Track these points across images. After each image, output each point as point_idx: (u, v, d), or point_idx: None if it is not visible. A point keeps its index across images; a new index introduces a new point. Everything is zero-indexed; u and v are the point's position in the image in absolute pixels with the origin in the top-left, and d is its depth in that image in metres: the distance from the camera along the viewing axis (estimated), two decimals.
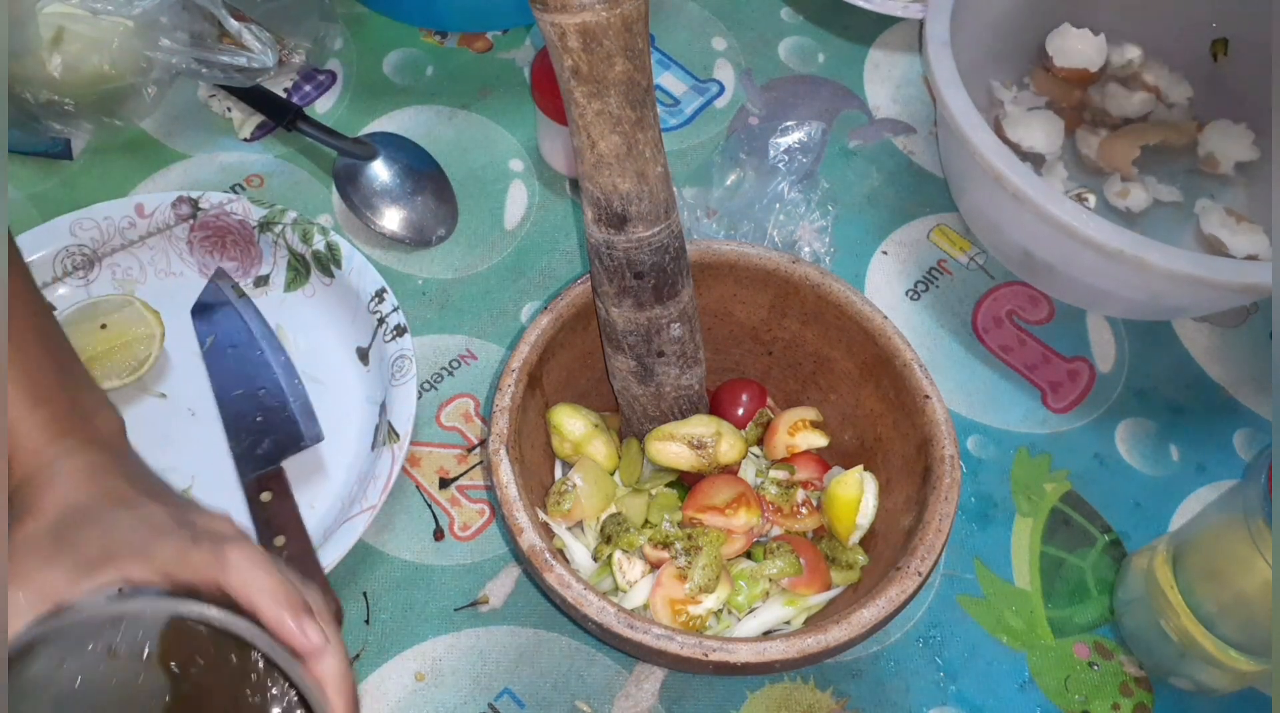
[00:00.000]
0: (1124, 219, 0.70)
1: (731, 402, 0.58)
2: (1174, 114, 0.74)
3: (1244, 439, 0.65)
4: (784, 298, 0.56)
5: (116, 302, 0.60)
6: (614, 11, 0.42)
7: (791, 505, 0.54)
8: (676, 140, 0.74)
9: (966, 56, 0.63)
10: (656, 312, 0.51)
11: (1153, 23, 0.75)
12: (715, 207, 0.68)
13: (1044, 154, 0.71)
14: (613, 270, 0.50)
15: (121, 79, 0.64)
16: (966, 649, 0.57)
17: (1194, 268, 0.57)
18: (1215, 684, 0.55)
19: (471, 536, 0.58)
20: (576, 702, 0.54)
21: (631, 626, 0.45)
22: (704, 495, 0.53)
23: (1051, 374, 0.66)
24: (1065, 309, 0.69)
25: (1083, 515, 0.61)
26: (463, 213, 0.69)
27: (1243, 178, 0.72)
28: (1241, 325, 0.70)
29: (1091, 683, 0.56)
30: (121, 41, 0.62)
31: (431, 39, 0.77)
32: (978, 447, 0.63)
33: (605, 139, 0.46)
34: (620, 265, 0.49)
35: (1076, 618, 0.58)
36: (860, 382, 0.56)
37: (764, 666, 0.45)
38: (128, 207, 0.63)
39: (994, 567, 0.59)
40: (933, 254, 0.70)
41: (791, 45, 0.79)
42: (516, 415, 0.51)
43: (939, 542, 0.48)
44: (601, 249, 0.49)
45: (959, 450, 0.50)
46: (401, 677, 0.54)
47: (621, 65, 0.44)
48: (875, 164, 0.74)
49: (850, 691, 0.55)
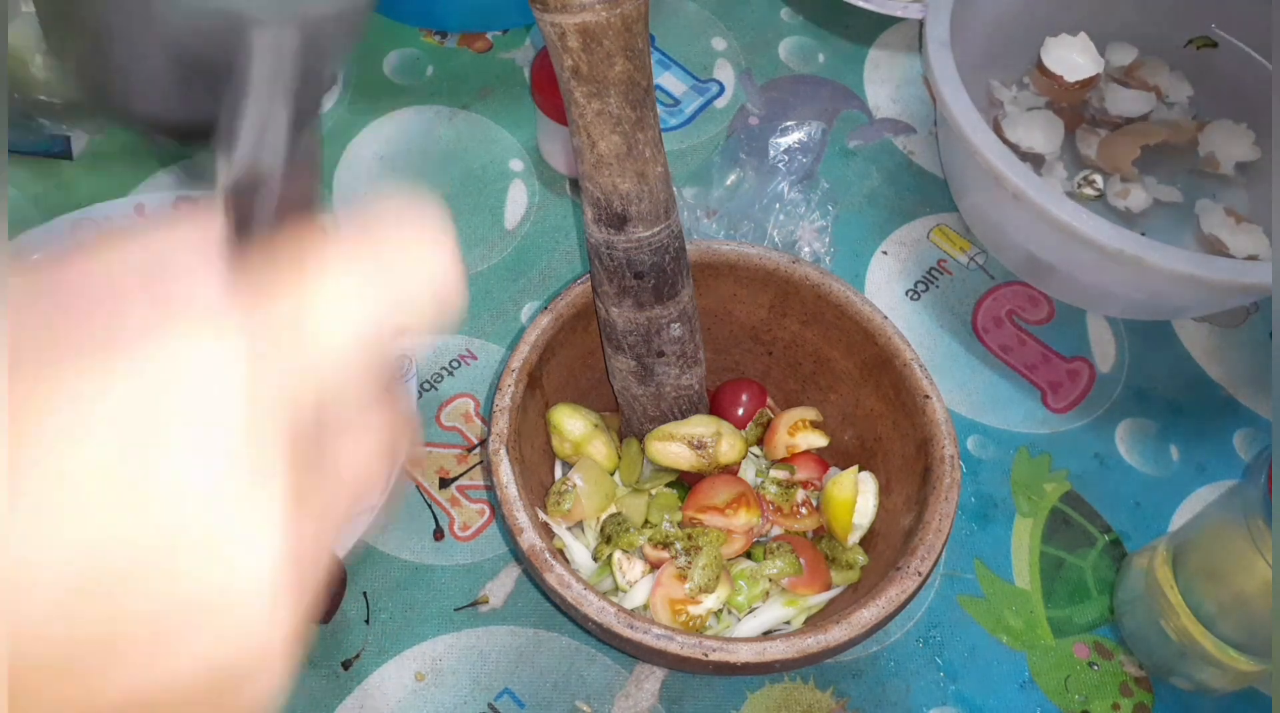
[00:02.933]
0: (1124, 219, 0.70)
1: (731, 402, 0.58)
2: (1174, 114, 0.74)
3: (1244, 439, 0.65)
4: (784, 298, 0.56)
5: None
6: (614, 11, 0.42)
7: (791, 505, 0.54)
8: (676, 140, 0.74)
9: (966, 56, 0.63)
10: (656, 312, 0.51)
11: (1152, 23, 0.75)
12: (715, 207, 0.68)
13: (1044, 154, 0.71)
14: (613, 270, 0.50)
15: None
16: (966, 649, 0.57)
17: (1194, 268, 0.57)
18: (1215, 684, 0.55)
19: (471, 536, 0.58)
20: (576, 702, 0.54)
21: (631, 626, 0.45)
22: (704, 495, 0.53)
23: (1051, 374, 0.66)
24: (1065, 309, 0.69)
25: (1083, 516, 0.61)
26: (463, 213, 0.69)
27: (1243, 178, 0.72)
28: (1241, 325, 0.70)
29: (1091, 683, 0.56)
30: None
31: (431, 39, 0.77)
32: (978, 447, 0.63)
33: (605, 139, 0.46)
34: (620, 265, 0.49)
35: (1076, 618, 0.58)
36: (860, 382, 0.56)
37: (764, 666, 0.45)
38: (128, 207, 0.63)
39: (994, 567, 0.59)
40: (933, 254, 0.70)
41: (791, 45, 0.79)
42: (516, 415, 0.51)
43: (939, 542, 0.48)
44: (601, 249, 0.49)
45: (959, 450, 0.50)
46: (401, 677, 0.54)
47: (621, 65, 0.44)
48: (875, 164, 0.74)
49: (850, 691, 0.55)
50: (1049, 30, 0.74)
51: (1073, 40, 0.74)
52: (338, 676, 0.53)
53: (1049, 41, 0.74)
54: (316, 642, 0.54)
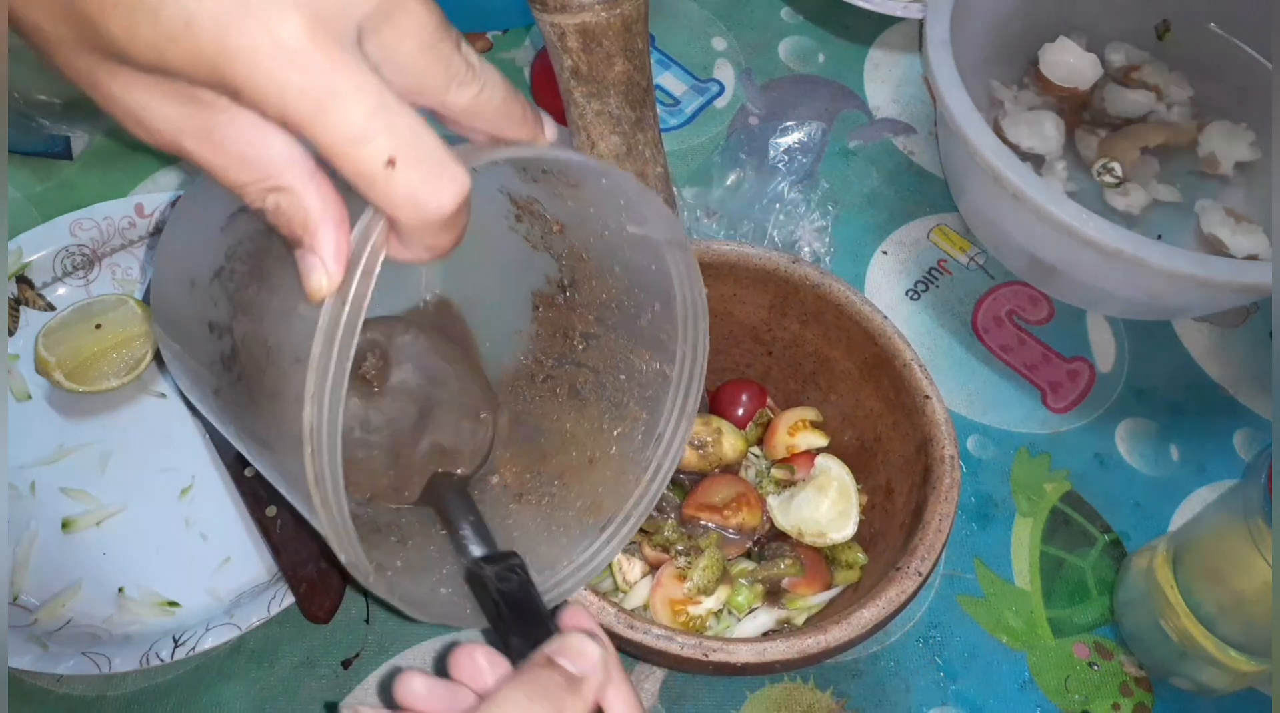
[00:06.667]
0: (1124, 219, 0.70)
1: (731, 402, 0.58)
2: (1174, 114, 0.74)
3: (1244, 439, 0.65)
4: (784, 298, 0.56)
5: (111, 302, 0.60)
6: (614, 12, 0.42)
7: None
8: (676, 140, 0.74)
9: (966, 56, 0.63)
10: None
11: (1150, 22, 0.75)
12: (715, 207, 0.68)
13: (1044, 154, 0.71)
14: None
15: None
16: (966, 649, 0.57)
17: (1194, 268, 0.57)
18: (1215, 684, 0.55)
19: None
20: None
21: (631, 626, 0.45)
22: (704, 495, 0.53)
23: (1051, 374, 0.66)
24: (1065, 309, 0.69)
25: (1083, 515, 0.61)
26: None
27: (1243, 178, 0.72)
28: (1241, 325, 0.70)
29: (1091, 683, 0.56)
30: None
31: None
32: (978, 447, 0.63)
33: (605, 139, 0.46)
34: None
35: (1076, 618, 0.58)
36: (860, 382, 0.56)
37: (764, 666, 0.45)
38: (128, 207, 0.63)
39: (994, 567, 0.59)
40: (933, 254, 0.70)
41: (791, 45, 0.79)
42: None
43: (939, 542, 0.48)
44: None
45: (959, 450, 0.50)
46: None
47: (621, 65, 0.44)
48: (875, 164, 0.74)
49: (850, 691, 0.55)
50: (1049, 30, 0.74)
51: (1069, 45, 0.74)
52: (338, 675, 0.53)
53: (1046, 48, 0.74)
54: (316, 642, 0.54)
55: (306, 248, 0.29)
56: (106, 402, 0.59)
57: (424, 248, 0.30)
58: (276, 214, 0.29)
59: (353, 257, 0.29)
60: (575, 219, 0.41)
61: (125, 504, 0.56)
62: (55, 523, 0.55)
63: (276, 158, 0.28)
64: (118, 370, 0.59)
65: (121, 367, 0.59)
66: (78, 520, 0.56)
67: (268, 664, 0.53)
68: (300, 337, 0.30)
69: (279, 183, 0.28)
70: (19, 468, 0.57)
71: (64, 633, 0.51)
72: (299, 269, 0.29)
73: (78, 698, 0.52)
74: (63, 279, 0.62)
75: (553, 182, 0.39)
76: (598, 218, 0.40)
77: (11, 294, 0.61)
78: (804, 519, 0.52)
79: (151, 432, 0.58)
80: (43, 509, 0.56)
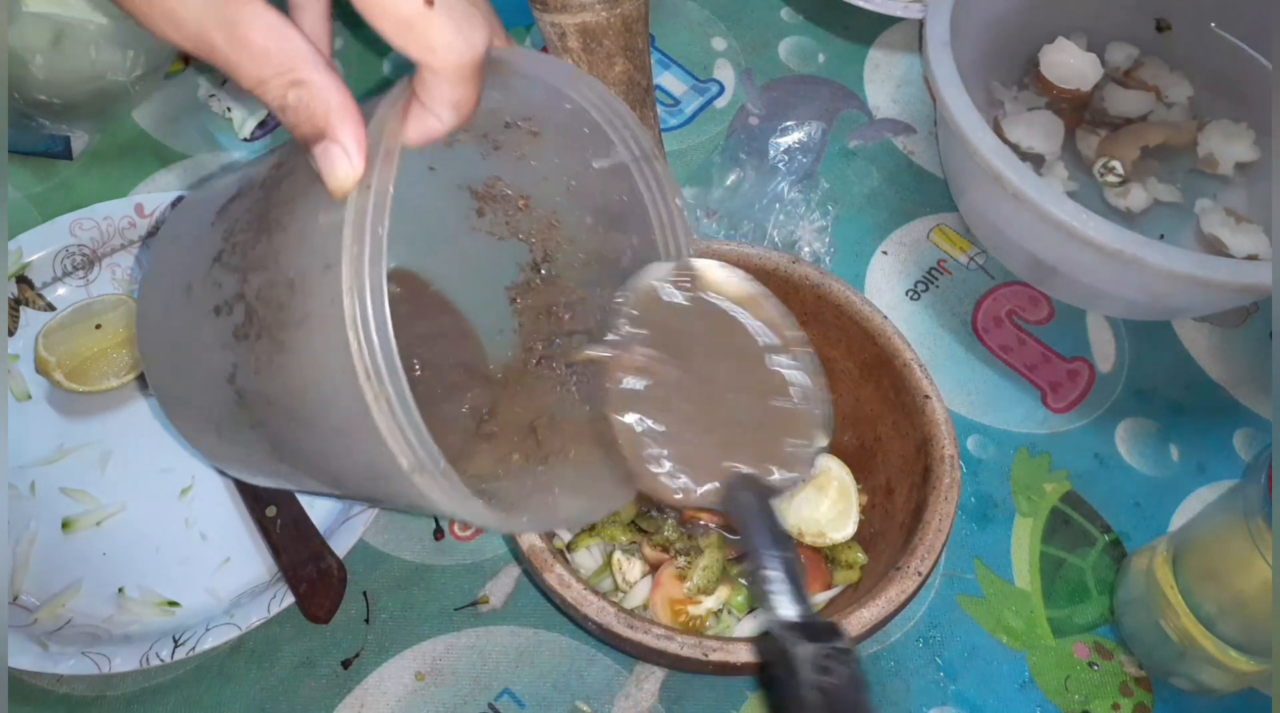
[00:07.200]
0: (1124, 219, 0.70)
1: None
2: (1174, 114, 0.74)
3: (1244, 439, 0.65)
4: (784, 298, 0.56)
5: (110, 301, 0.60)
6: (614, 11, 0.42)
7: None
8: (676, 140, 0.74)
9: (966, 56, 0.63)
10: None
11: (1150, 23, 0.75)
12: (715, 207, 0.68)
13: (1044, 154, 0.71)
14: None
15: (103, 78, 0.64)
16: (966, 649, 0.57)
17: (1194, 268, 0.57)
18: (1215, 684, 0.54)
19: (471, 535, 0.58)
20: (576, 702, 0.54)
21: (631, 626, 0.45)
22: None
23: (1051, 374, 0.66)
24: (1065, 309, 0.69)
25: (1083, 516, 0.61)
26: None
27: (1243, 178, 0.72)
28: (1241, 325, 0.70)
29: (1091, 683, 0.56)
30: (106, 37, 0.62)
31: None
32: (978, 447, 0.63)
33: None
34: None
35: (1076, 618, 0.58)
36: (860, 382, 0.56)
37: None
38: (128, 206, 0.63)
39: (994, 567, 0.59)
40: (933, 254, 0.70)
41: (791, 45, 0.79)
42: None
43: (939, 542, 0.48)
44: None
45: (959, 450, 0.50)
46: (401, 677, 0.54)
47: (621, 65, 0.44)
48: (875, 164, 0.74)
49: None
50: (1049, 30, 0.74)
51: (1069, 45, 0.74)
52: (338, 675, 0.53)
53: (1046, 48, 0.74)
54: (316, 642, 0.54)
55: (329, 139, 0.30)
56: (106, 402, 0.59)
57: (449, 105, 0.30)
58: (297, 109, 0.30)
59: (370, 147, 0.30)
60: (539, 181, 0.41)
61: (125, 504, 0.56)
62: (55, 523, 0.55)
63: (297, 51, 0.29)
64: (118, 370, 0.59)
65: (121, 367, 0.59)
66: (78, 520, 0.56)
67: (268, 664, 0.53)
68: (327, 243, 0.29)
69: (300, 76, 0.29)
70: (19, 468, 0.57)
71: (64, 633, 0.51)
72: (319, 167, 0.30)
73: (78, 698, 0.52)
74: (63, 279, 0.62)
75: (515, 138, 0.38)
76: (562, 168, 0.40)
77: (11, 294, 0.61)
78: (804, 519, 0.52)
79: (151, 432, 0.58)
80: (43, 509, 0.56)
